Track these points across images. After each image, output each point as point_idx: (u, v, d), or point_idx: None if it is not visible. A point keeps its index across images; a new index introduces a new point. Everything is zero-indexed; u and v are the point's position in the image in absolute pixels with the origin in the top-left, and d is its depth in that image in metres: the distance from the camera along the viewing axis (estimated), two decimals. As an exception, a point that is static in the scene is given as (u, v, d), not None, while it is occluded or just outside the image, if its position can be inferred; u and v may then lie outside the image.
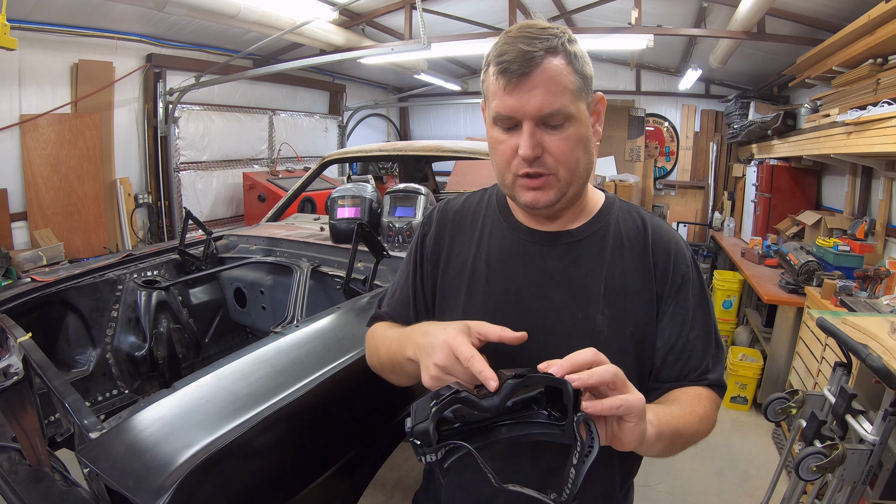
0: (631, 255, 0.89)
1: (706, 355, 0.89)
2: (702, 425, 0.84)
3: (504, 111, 0.80)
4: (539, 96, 0.77)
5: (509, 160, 0.83)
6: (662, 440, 0.74)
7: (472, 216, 0.99)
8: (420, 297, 1.00)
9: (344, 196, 2.25)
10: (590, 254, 0.89)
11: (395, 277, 1.09)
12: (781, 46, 4.28)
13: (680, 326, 0.88)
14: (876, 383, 1.73)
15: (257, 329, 2.42)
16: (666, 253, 0.90)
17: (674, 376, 0.88)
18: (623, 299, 0.87)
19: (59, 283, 1.96)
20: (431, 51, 3.67)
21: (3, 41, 2.72)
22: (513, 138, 0.81)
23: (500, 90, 0.79)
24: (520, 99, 0.78)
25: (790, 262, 3.33)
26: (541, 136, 0.80)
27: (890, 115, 2.40)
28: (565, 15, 5.21)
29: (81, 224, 4.22)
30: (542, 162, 0.81)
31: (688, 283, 0.89)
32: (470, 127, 8.30)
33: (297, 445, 1.07)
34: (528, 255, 0.91)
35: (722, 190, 6.59)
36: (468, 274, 0.93)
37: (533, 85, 0.77)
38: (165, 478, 0.84)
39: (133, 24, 4.30)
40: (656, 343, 0.89)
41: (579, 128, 0.81)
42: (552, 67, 0.77)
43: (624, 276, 0.88)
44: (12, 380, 1.36)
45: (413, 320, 0.99)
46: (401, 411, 1.32)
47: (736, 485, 2.63)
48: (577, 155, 0.82)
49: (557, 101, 0.78)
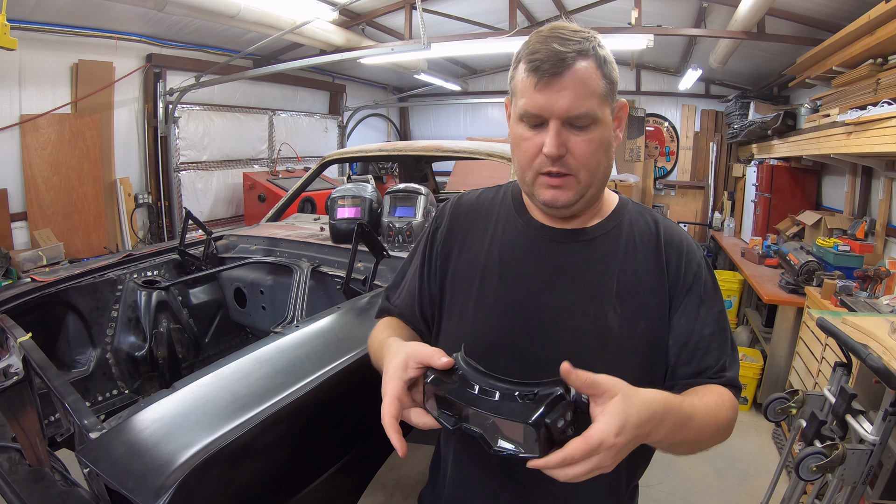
0: (644, 255, 0.90)
1: (723, 353, 0.88)
2: (718, 420, 0.82)
3: (532, 109, 0.81)
4: (568, 97, 0.78)
5: (532, 157, 0.84)
6: (668, 424, 0.70)
7: (486, 211, 0.99)
8: (426, 289, 0.99)
9: (344, 196, 2.25)
10: (603, 252, 0.90)
11: (401, 268, 1.09)
12: (781, 46, 4.28)
13: (692, 324, 0.88)
14: (876, 383, 1.74)
15: (257, 329, 2.42)
16: (678, 252, 0.91)
17: (689, 373, 0.87)
18: (635, 298, 0.87)
19: (59, 283, 1.96)
20: (431, 51, 3.67)
21: (3, 41, 2.72)
22: (538, 136, 0.82)
23: (529, 88, 0.80)
24: (549, 98, 0.79)
25: (790, 262, 3.33)
26: (566, 137, 0.81)
27: (890, 115, 2.40)
28: (565, 15, 5.21)
29: (81, 224, 4.22)
30: (565, 162, 0.82)
31: (700, 282, 0.89)
32: (470, 127, 8.30)
33: (297, 445, 1.07)
34: (541, 252, 0.91)
35: (722, 190, 6.59)
36: (481, 268, 0.93)
37: (563, 86, 0.78)
38: (165, 478, 0.84)
39: (133, 24, 4.30)
40: (669, 341, 0.88)
41: (603, 131, 0.83)
42: (583, 70, 0.79)
43: (636, 274, 0.89)
44: (12, 380, 1.36)
45: (417, 314, 1.00)
46: (401, 411, 1.32)
47: (736, 485, 2.63)
48: (599, 157, 0.84)
49: (586, 103, 0.79)
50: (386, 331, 0.97)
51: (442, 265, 0.98)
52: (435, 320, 0.99)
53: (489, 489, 0.92)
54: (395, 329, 0.99)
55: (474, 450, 0.91)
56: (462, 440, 0.93)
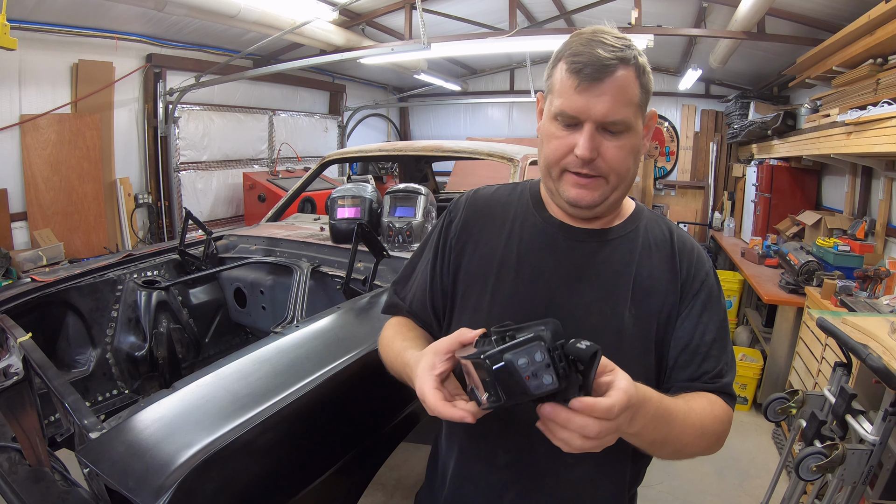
0: (659, 258, 0.91)
1: (721, 361, 0.89)
2: (704, 425, 0.82)
3: (570, 110, 0.81)
4: (607, 103, 0.79)
5: (561, 156, 0.85)
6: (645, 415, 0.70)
7: (503, 207, 0.99)
8: (438, 283, 0.99)
9: (344, 196, 2.25)
10: (620, 253, 0.91)
11: (409, 262, 1.08)
12: (781, 46, 4.28)
13: (694, 328, 0.89)
14: (876, 383, 1.74)
15: (257, 329, 2.42)
16: (689, 259, 0.92)
17: (686, 377, 0.88)
18: (650, 299, 0.89)
19: (59, 283, 1.96)
20: (431, 51, 3.66)
21: (3, 41, 2.72)
22: (570, 136, 0.83)
23: (569, 89, 0.81)
24: (588, 101, 0.80)
25: (790, 262, 3.33)
26: (599, 141, 0.82)
27: (890, 115, 2.40)
28: (565, 15, 5.21)
29: (81, 224, 4.22)
30: (595, 165, 0.83)
31: (706, 289, 0.91)
32: (470, 127, 8.30)
33: (297, 445, 1.07)
34: (559, 250, 0.91)
35: (722, 190, 6.59)
36: (497, 263, 0.93)
37: (602, 91, 0.79)
38: (165, 478, 0.84)
39: (133, 24, 4.30)
40: (671, 342, 0.89)
41: (635, 139, 0.84)
42: (623, 77, 0.80)
43: (651, 277, 0.90)
44: (12, 380, 1.36)
45: (429, 308, 0.99)
46: (401, 411, 1.32)
47: (736, 485, 2.63)
48: (629, 164, 0.85)
49: (622, 111, 0.81)
50: (397, 337, 0.96)
51: (456, 259, 0.97)
52: (446, 315, 0.98)
53: (494, 488, 0.91)
54: (407, 333, 0.98)
55: (481, 447, 0.91)
56: (469, 436, 0.93)
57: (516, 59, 7.42)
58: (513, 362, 0.62)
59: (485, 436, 0.89)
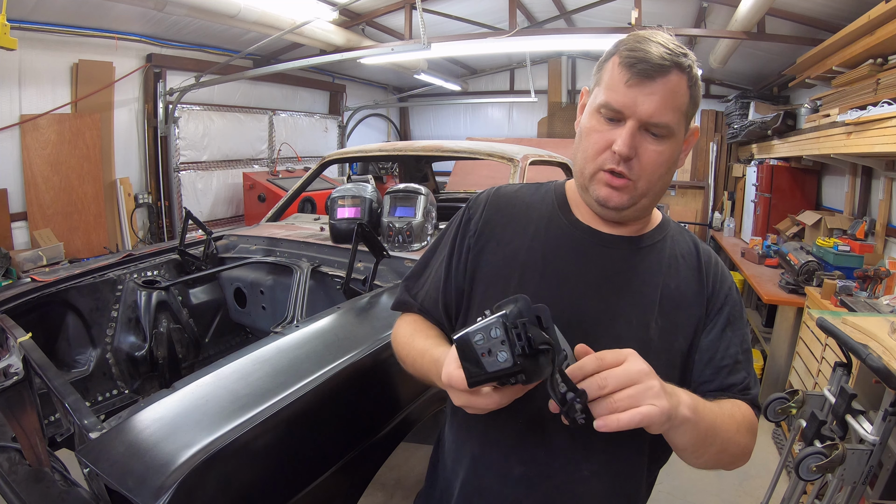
0: (685, 271, 0.90)
1: (748, 374, 0.89)
2: (738, 435, 0.81)
3: (615, 103, 0.80)
4: (655, 103, 0.78)
5: (598, 152, 0.83)
6: (691, 423, 0.72)
7: (526, 207, 0.96)
8: (453, 281, 0.95)
9: (344, 196, 2.25)
10: (649, 263, 0.89)
11: (422, 258, 1.05)
12: (781, 46, 4.28)
13: (718, 342, 0.88)
14: (876, 383, 1.74)
15: (257, 329, 2.42)
16: (715, 273, 0.92)
17: (712, 389, 0.87)
18: (676, 312, 0.87)
19: (59, 283, 1.96)
20: (431, 51, 3.67)
21: (3, 41, 2.72)
22: (610, 132, 0.81)
23: (619, 82, 0.79)
24: (636, 98, 0.78)
25: (790, 262, 3.33)
26: (639, 141, 0.80)
27: (890, 115, 2.40)
28: (565, 15, 5.21)
29: (81, 224, 4.22)
30: (630, 166, 0.81)
31: (730, 304, 0.90)
32: (470, 127, 8.30)
33: (297, 445, 1.07)
34: (587, 255, 0.89)
35: (722, 190, 6.59)
36: (520, 264, 0.90)
37: (652, 90, 0.78)
38: (165, 478, 0.84)
39: (133, 24, 4.31)
40: (695, 357, 0.88)
41: (674, 147, 0.83)
42: (675, 81, 0.78)
43: (678, 289, 0.89)
44: (12, 380, 1.36)
45: (441, 307, 0.96)
46: (401, 411, 1.32)
47: (736, 485, 2.63)
48: (662, 172, 0.83)
49: (668, 114, 0.79)
50: (418, 335, 0.94)
51: (475, 257, 0.94)
52: (460, 314, 0.95)
53: (506, 501, 0.88)
54: (428, 332, 0.96)
55: (494, 456, 0.88)
56: (482, 445, 0.90)
57: (516, 59, 7.43)
58: (467, 339, 0.61)
59: (500, 446, 0.87)
